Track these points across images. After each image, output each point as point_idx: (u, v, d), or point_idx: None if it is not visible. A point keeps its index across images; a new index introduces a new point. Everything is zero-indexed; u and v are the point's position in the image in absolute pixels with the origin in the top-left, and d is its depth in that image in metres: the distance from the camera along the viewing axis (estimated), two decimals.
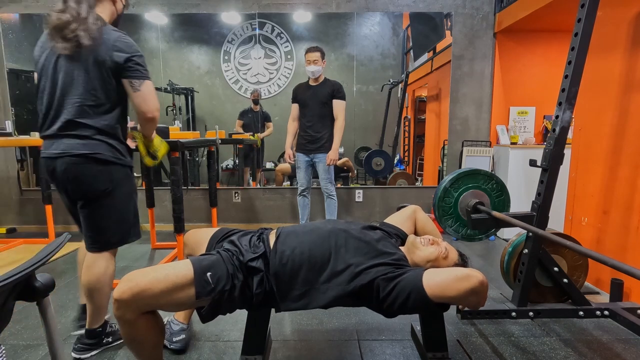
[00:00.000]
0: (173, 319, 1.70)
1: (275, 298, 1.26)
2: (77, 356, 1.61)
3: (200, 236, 1.51)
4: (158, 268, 1.14)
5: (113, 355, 1.68)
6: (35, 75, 1.57)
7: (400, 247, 1.42)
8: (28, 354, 1.67)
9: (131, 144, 1.69)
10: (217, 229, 1.51)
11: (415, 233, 1.58)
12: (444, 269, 1.20)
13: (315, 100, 3.12)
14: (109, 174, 1.53)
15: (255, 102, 4.47)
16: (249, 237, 1.36)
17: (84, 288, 1.57)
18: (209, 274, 1.15)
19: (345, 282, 1.22)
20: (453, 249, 1.44)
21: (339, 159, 3.31)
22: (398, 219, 1.60)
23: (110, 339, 1.69)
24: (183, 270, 1.13)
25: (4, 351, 1.68)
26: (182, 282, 1.12)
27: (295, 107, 3.27)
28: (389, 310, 1.22)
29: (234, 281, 1.19)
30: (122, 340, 1.67)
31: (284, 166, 4.51)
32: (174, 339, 1.65)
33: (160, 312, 1.22)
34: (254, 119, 4.47)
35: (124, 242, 1.63)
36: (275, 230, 1.39)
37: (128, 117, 1.66)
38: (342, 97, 3.10)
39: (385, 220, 1.60)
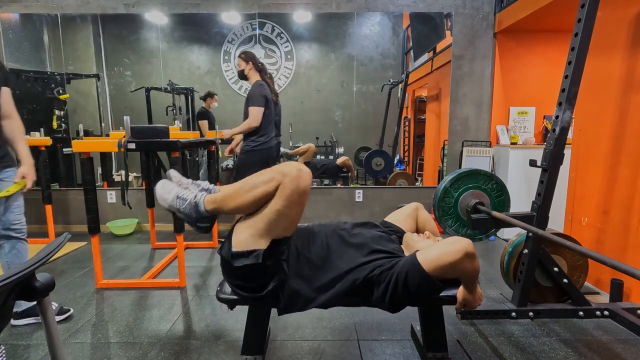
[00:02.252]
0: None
1: (277, 300, 1.26)
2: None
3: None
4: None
5: (111, 354, 1.69)
6: None
7: (398, 243, 1.43)
8: (28, 354, 1.67)
9: None
10: None
11: (416, 231, 1.58)
12: (434, 244, 1.26)
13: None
14: None
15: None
16: None
17: None
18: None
19: (342, 281, 1.23)
20: None
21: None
22: (399, 217, 1.60)
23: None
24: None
25: (3, 351, 1.68)
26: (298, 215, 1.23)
27: None
28: (392, 301, 1.21)
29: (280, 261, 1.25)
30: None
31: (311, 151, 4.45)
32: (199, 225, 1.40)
33: None
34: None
35: None
36: None
37: None
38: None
39: (386, 219, 1.60)
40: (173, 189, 1.32)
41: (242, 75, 3.08)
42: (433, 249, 1.16)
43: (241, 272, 1.22)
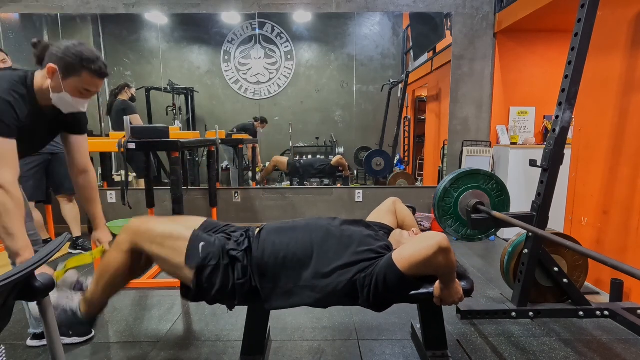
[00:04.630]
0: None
1: (260, 295, 1.26)
2: None
3: (187, 219, 1.50)
4: (167, 219, 1.36)
5: (111, 354, 1.69)
6: None
7: (386, 239, 1.43)
8: (28, 354, 1.67)
9: None
10: (205, 219, 1.50)
11: (397, 225, 1.59)
12: (409, 242, 1.25)
13: None
14: None
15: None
16: (240, 232, 1.39)
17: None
18: (202, 244, 1.23)
19: (328, 281, 1.22)
20: None
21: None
22: (380, 214, 1.61)
23: None
24: (183, 230, 1.27)
25: (4, 351, 1.68)
26: (178, 236, 1.24)
27: None
28: (376, 302, 1.21)
29: (220, 260, 1.23)
30: None
31: (281, 159, 4.51)
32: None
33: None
34: None
35: None
36: (259, 227, 1.40)
37: None
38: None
39: (368, 218, 1.60)
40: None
41: None
42: (407, 247, 1.16)
43: (206, 296, 1.25)
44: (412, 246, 1.14)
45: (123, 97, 3.80)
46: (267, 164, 4.60)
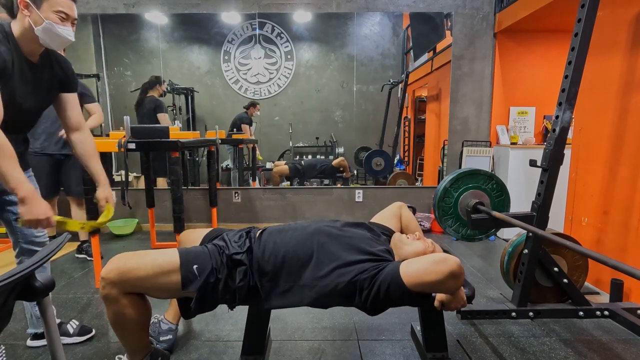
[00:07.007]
0: (163, 318, 1.69)
1: (259, 294, 1.26)
2: None
3: (195, 236, 1.52)
4: (147, 252, 1.21)
5: (111, 354, 1.68)
6: None
7: (387, 244, 1.42)
8: (28, 354, 1.67)
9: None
10: (211, 229, 1.52)
11: (401, 229, 1.59)
12: (420, 257, 1.18)
13: None
14: None
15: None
16: (238, 234, 1.38)
17: None
18: (195, 266, 1.19)
19: (327, 281, 1.21)
20: (437, 245, 1.44)
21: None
22: (384, 217, 1.60)
23: None
24: (170, 257, 1.19)
25: (4, 351, 1.68)
26: (168, 268, 1.17)
27: None
28: (373, 307, 1.21)
29: (217, 275, 1.21)
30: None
31: (282, 168, 4.51)
32: (161, 338, 1.65)
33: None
34: None
35: None
36: (261, 230, 1.40)
37: None
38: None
39: (372, 220, 1.60)
40: None
41: None
42: (417, 264, 1.12)
43: (210, 308, 1.26)
44: (422, 265, 1.10)
45: (154, 94, 3.79)
46: (273, 169, 4.57)
